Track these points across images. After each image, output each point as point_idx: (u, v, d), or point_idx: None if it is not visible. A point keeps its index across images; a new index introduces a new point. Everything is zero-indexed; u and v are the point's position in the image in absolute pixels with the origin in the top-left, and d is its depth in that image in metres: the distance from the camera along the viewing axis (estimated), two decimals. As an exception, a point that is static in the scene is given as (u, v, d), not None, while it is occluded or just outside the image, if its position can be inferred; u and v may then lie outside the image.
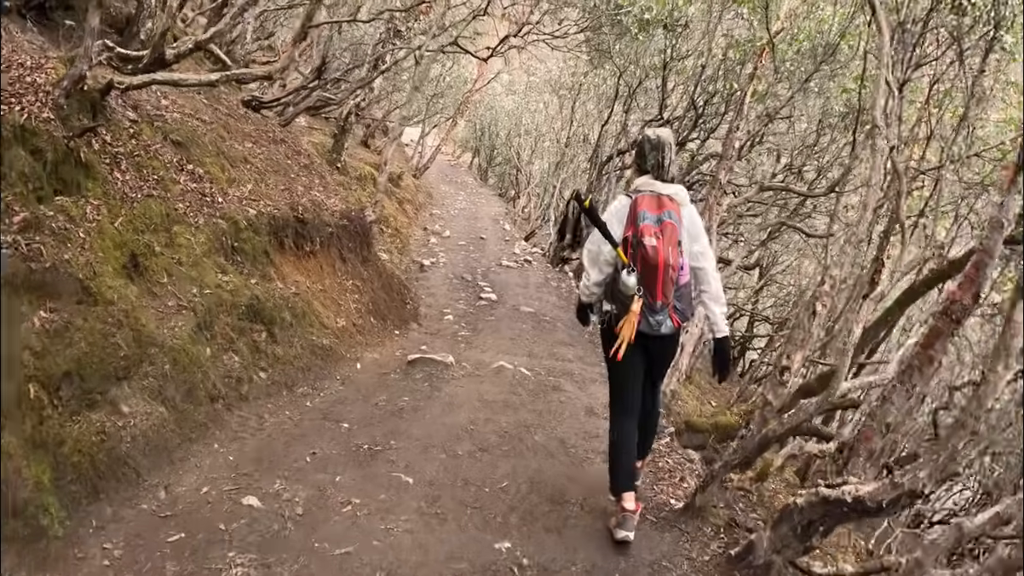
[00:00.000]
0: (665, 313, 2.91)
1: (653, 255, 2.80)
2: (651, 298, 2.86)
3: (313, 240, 5.77)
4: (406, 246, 11.62)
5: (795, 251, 13.47)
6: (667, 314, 2.91)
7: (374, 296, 6.45)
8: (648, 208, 2.86)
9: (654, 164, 2.97)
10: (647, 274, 2.84)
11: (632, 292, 2.84)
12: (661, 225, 2.84)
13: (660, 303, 2.87)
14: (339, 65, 12.14)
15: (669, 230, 2.83)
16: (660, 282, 2.83)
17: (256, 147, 6.72)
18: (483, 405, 4.34)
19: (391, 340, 5.98)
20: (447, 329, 6.83)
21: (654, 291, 2.85)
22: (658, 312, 2.90)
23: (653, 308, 2.88)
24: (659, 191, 2.92)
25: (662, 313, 2.90)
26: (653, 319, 2.90)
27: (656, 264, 2.81)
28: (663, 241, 2.81)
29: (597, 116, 13.68)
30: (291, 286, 5.11)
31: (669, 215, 2.86)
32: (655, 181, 2.95)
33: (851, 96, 8.28)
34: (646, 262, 2.82)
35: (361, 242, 6.85)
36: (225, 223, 4.74)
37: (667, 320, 2.92)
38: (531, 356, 6.01)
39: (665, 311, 2.91)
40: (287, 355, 4.56)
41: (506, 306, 8.36)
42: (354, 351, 5.28)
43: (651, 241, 2.80)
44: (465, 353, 5.80)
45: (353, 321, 5.70)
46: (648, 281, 2.84)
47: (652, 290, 2.85)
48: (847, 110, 8.43)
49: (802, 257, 14.41)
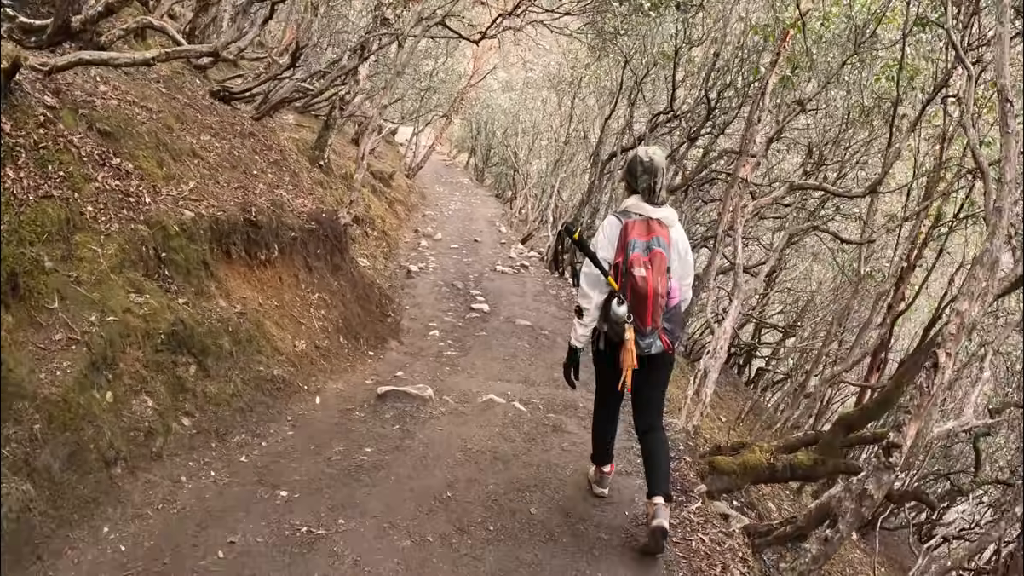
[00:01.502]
0: (655, 336, 3.00)
1: (643, 285, 2.88)
2: (642, 324, 2.94)
3: (269, 247, 4.88)
4: (393, 250, 10.73)
5: (808, 255, 12.65)
6: (656, 336, 3.00)
7: (346, 311, 5.56)
8: (638, 235, 2.92)
9: (646, 188, 3.00)
10: (637, 303, 2.91)
11: (623, 320, 2.90)
12: (650, 254, 2.91)
13: (650, 328, 2.95)
14: (324, 57, 11.30)
15: (658, 259, 2.90)
16: (650, 311, 2.91)
17: (215, 140, 5.86)
18: (466, 458, 3.45)
19: (363, 364, 5.09)
20: (431, 348, 5.95)
21: (644, 318, 2.93)
22: (648, 336, 2.98)
23: (643, 333, 2.96)
24: (648, 215, 2.96)
25: (652, 336, 3.00)
26: (643, 342, 2.98)
27: (645, 294, 2.88)
28: (652, 271, 2.88)
29: (598, 112, 12.81)
30: (236, 304, 4.22)
31: (658, 242, 2.92)
32: (645, 204, 2.99)
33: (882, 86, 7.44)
34: (636, 292, 2.89)
35: (332, 248, 5.96)
36: (149, 229, 3.85)
37: (656, 341, 3.01)
38: (527, 383, 5.13)
39: (655, 334, 3.00)
40: (222, 393, 3.67)
41: (499, 318, 7.48)
42: (314, 381, 4.39)
43: (640, 272, 2.87)
44: (449, 380, 4.91)
45: (316, 343, 4.81)
46: (638, 310, 2.92)
47: (642, 318, 2.93)
48: (873, 102, 7.59)
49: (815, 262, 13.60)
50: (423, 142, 20.29)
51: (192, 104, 6.22)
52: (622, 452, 3.78)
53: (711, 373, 4.82)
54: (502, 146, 23.42)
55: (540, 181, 20.37)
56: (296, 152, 9.20)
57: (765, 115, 6.87)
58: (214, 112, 6.55)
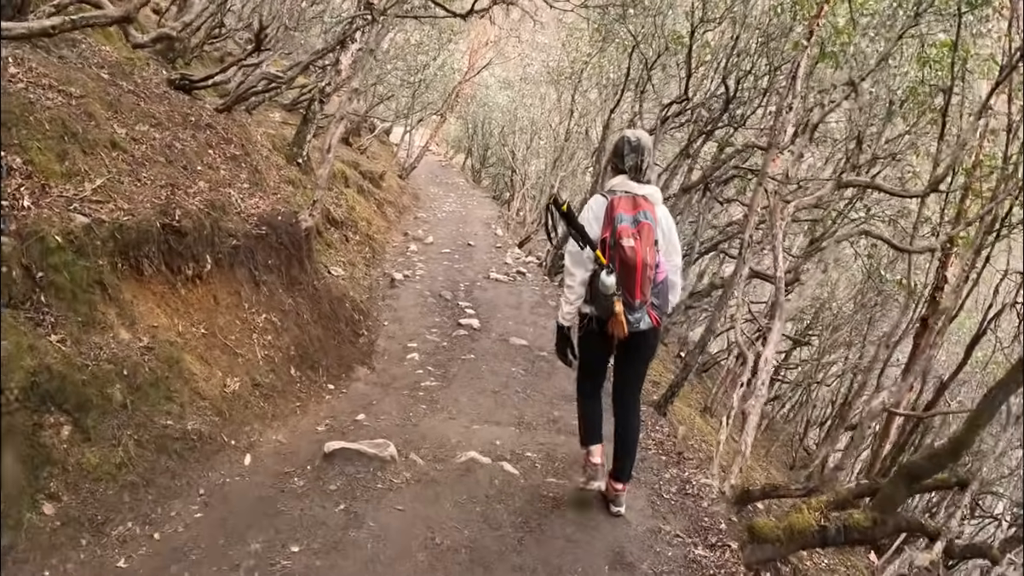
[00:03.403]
0: (643, 310, 2.99)
1: (632, 256, 2.86)
2: (630, 297, 2.92)
3: (200, 259, 3.93)
4: (377, 255, 9.78)
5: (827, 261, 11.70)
6: (645, 311, 2.99)
7: (301, 335, 4.61)
8: (624, 209, 2.93)
9: (632, 166, 3.02)
10: (626, 274, 2.90)
11: (612, 292, 2.89)
12: (638, 226, 2.90)
13: (639, 302, 2.94)
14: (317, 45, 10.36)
15: (646, 230, 2.90)
16: (639, 282, 2.90)
17: (155, 131, 4.95)
18: (431, 561, 2.45)
19: (318, 402, 4.14)
20: (407, 376, 5.00)
21: (633, 290, 2.91)
22: (637, 310, 2.97)
23: (632, 306, 2.94)
24: (634, 191, 2.98)
25: (640, 311, 2.98)
26: (632, 316, 2.96)
27: (634, 264, 2.87)
28: (640, 242, 2.88)
29: (601, 106, 11.88)
30: (143, 335, 3.27)
31: (645, 215, 2.92)
32: (630, 182, 3.01)
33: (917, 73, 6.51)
34: (624, 263, 2.88)
35: (289, 257, 5.01)
36: (18, 242, 2.90)
37: (645, 316, 3.00)
38: (521, 426, 4.17)
39: (644, 308, 2.98)
40: (106, 463, 2.72)
41: (491, 336, 6.53)
42: (247, 432, 3.44)
43: (629, 242, 2.87)
44: (423, 424, 3.96)
45: (256, 379, 3.86)
46: (627, 281, 2.90)
47: (631, 289, 2.91)
48: (908, 91, 6.66)
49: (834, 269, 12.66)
50: (417, 141, 19.37)
51: (138, 92, 5.35)
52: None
53: (751, 416, 3.86)
54: (499, 145, 22.51)
55: (539, 182, 19.45)
56: (271, 148, 8.26)
57: (797, 102, 5.96)
58: (165, 101, 5.66)
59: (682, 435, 4.50)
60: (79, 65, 4.97)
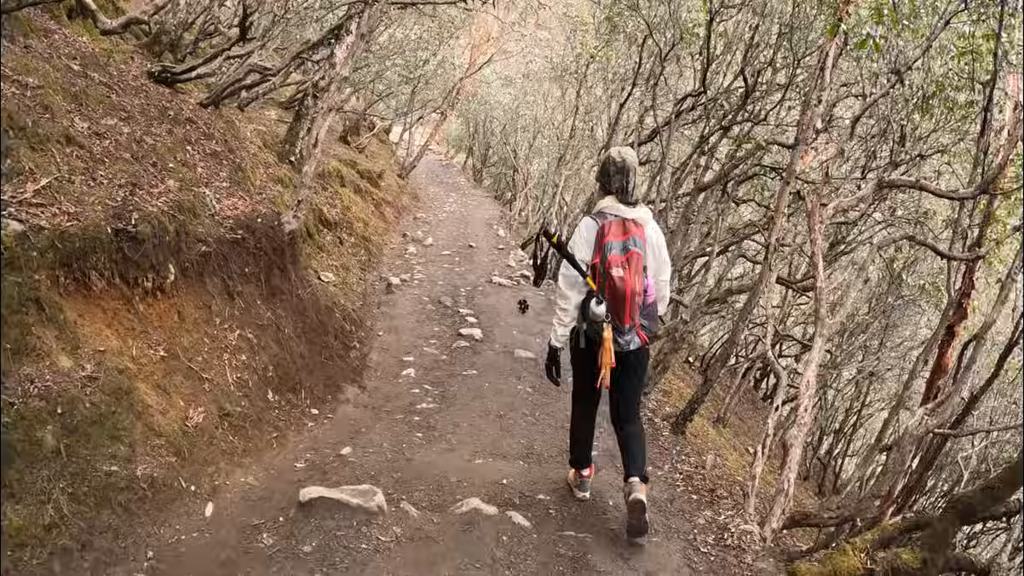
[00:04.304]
0: (633, 332, 3.07)
1: (621, 286, 2.95)
2: (620, 323, 3.01)
3: (161, 269, 3.43)
4: (374, 258, 9.28)
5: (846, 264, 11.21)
6: (635, 333, 3.08)
7: (282, 352, 4.12)
8: (614, 236, 2.98)
9: (619, 187, 3.05)
10: (615, 303, 2.98)
11: (601, 320, 2.97)
12: (627, 254, 2.98)
13: (628, 326, 3.03)
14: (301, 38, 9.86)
15: (635, 259, 2.98)
16: (628, 309, 2.99)
17: (123, 125, 4.49)
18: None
19: (299, 431, 3.65)
20: (401, 397, 4.50)
21: (622, 317, 3.00)
22: (626, 333, 3.05)
23: (621, 331, 3.04)
24: (624, 215, 3.03)
25: (630, 333, 3.06)
26: (622, 339, 3.04)
27: (624, 295, 2.96)
28: (630, 271, 2.96)
29: (607, 102, 11.36)
30: (87, 362, 2.77)
31: (634, 242, 2.99)
32: (620, 204, 3.05)
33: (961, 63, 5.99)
34: (614, 292, 2.97)
35: (270, 264, 4.52)
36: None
37: (635, 338, 3.08)
38: (530, 458, 3.67)
39: (633, 331, 3.07)
40: (34, 524, 2.22)
41: (495, 347, 6.04)
42: (211, 474, 2.95)
43: (618, 272, 2.95)
44: (418, 459, 3.46)
45: (225, 408, 3.37)
46: (616, 309, 2.99)
47: (620, 316, 3.00)
48: (937, 84, 6.14)
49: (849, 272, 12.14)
50: (417, 140, 18.86)
51: (111, 84, 4.89)
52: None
53: (794, 449, 3.36)
54: (501, 144, 22.00)
55: (541, 181, 18.92)
56: (261, 146, 7.77)
57: (826, 94, 5.48)
58: (142, 94, 5.20)
59: (711, 465, 4.00)
60: (46, 55, 4.51)
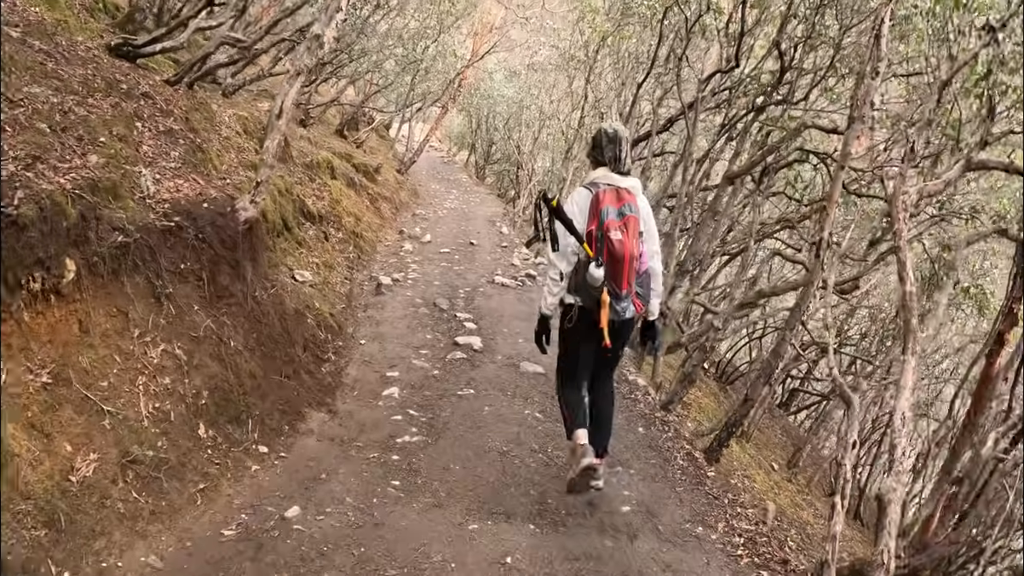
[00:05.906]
0: (629, 300, 3.12)
1: (619, 249, 2.98)
2: (617, 288, 3.05)
3: (55, 265, 2.57)
4: (364, 256, 8.43)
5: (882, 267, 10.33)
6: (631, 300, 3.13)
7: (224, 371, 3.25)
8: (610, 203, 3.03)
9: (611, 157, 3.13)
10: (613, 266, 3.02)
11: (599, 284, 3.00)
12: (624, 219, 3.01)
13: (625, 292, 3.07)
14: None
15: (632, 223, 3.03)
16: (626, 273, 3.04)
17: (51, 95, 3.79)
18: None
19: (237, 478, 2.78)
20: (379, 426, 3.63)
21: (620, 281, 3.04)
22: (623, 300, 3.10)
23: (618, 296, 3.07)
24: (617, 184, 3.10)
25: (626, 300, 3.11)
26: (619, 306, 3.09)
27: (622, 257, 3.00)
28: (627, 234, 3.01)
29: (619, 91, 10.50)
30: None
31: (630, 208, 3.05)
32: (612, 174, 3.12)
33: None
34: (612, 255, 3.00)
35: (216, 260, 3.66)
36: None
37: (630, 306, 3.14)
38: (543, 521, 2.79)
39: (629, 298, 3.12)
40: None
41: (496, 360, 5.17)
42: (97, 552, 2.10)
43: (616, 235, 2.98)
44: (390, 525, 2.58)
45: (132, 451, 2.50)
46: (614, 273, 3.03)
47: (618, 281, 3.04)
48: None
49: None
50: (417, 135, 18.02)
51: (54, 53, 4.24)
52: None
53: (892, 506, 2.50)
54: (504, 140, 21.16)
55: (546, 177, 18.08)
56: (240, 131, 6.89)
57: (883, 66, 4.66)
58: (90, 66, 4.51)
59: (772, 516, 3.13)
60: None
